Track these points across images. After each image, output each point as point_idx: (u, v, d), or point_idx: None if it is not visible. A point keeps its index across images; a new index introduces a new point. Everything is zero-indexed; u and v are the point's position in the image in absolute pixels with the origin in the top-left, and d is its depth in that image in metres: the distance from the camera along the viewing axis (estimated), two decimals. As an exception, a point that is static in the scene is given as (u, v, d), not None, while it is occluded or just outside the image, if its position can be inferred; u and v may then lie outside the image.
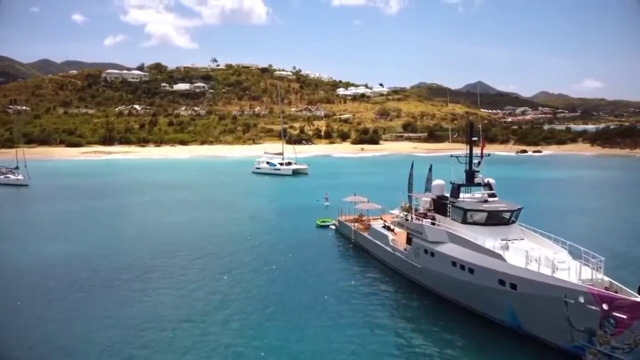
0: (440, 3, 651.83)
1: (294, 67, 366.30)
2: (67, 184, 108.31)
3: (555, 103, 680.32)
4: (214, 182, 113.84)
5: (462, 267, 34.55)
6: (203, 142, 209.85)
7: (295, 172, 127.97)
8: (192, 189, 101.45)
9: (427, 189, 48.45)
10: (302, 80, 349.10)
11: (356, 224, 55.58)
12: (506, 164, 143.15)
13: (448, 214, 39.65)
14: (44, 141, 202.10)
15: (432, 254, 38.11)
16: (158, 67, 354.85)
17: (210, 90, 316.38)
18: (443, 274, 36.67)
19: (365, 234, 52.08)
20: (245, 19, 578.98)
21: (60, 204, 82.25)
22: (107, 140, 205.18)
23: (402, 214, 46.76)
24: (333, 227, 62.41)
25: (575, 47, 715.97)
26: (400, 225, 46.25)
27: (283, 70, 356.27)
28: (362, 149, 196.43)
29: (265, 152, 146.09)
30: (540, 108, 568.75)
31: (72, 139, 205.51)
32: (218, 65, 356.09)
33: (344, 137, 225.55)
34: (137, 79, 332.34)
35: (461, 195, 39.99)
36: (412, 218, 43.82)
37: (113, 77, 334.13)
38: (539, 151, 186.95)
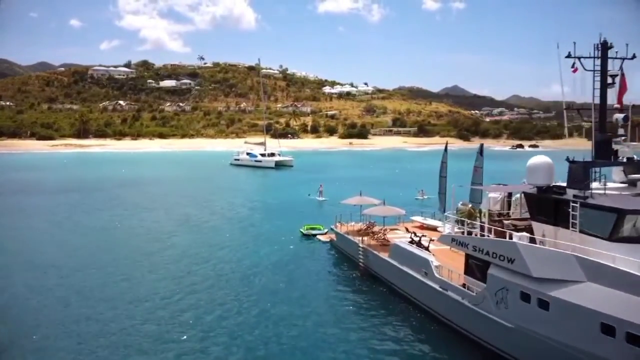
0: (419, 12, 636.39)
1: (281, 66, 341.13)
2: (14, 178, 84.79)
3: (528, 105, 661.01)
4: (184, 176, 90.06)
5: (633, 338, 14.17)
6: (183, 136, 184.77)
7: (279, 165, 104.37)
8: (154, 184, 77.91)
9: (476, 181, 29.61)
10: (288, 78, 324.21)
11: (365, 238, 32.97)
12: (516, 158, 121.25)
13: (571, 221, 18.04)
14: (15, 134, 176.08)
15: (544, 304, 17.22)
16: (145, 65, 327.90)
17: (196, 87, 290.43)
18: (579, 349, 15.94)
19: (384, 256, 29.60)
20: (236, 24, 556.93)
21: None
22: (82, 134, 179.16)
23: (456, 222, 25.21)
24: (325, 239, 40.29)
25: (542, 55, 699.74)
26: (458, 242, 23.02)
27: (270, 68, 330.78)
28: (350, 143, 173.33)
29: (245, 142, 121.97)
30: (515, 109, 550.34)
31: (44, 132, 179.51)
32: (205, 63, 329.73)
33: (331, 131, 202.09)
34: (123, 75, 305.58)
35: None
36: (482, 230, 22.39)
37: (100, 74, 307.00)
38: (535, 146, 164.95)
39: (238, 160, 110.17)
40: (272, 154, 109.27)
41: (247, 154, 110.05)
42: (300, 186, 71.38)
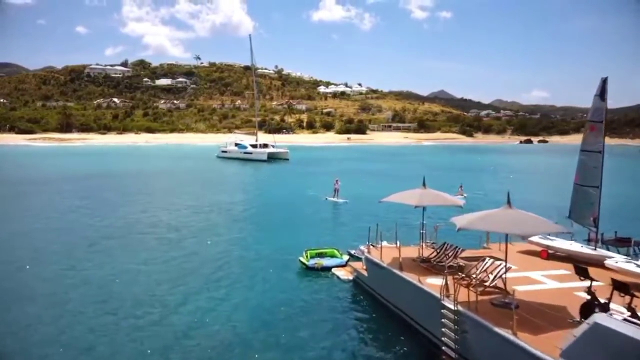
0: (408, 21, 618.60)
1: (276, 67, 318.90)
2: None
3: (511, 109, 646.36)
4: (161, 169, 69.09)
5: None
6: (173, 131, 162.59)
7: (272, 157, 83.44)
8: (121, 177, 56.89)
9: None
10: (284, 78, 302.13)
11: (453, 285, 12.85)
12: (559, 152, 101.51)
13: None
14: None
15: None
16: (142, 64, 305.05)
17: (192, 86, 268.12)
18: None
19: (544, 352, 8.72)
20: (234, 31, 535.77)
21: None
22: (65, 128, 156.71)
23: None
24: (345, 274, 20.07)
25: (523, 62, 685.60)
26: None
27: (266, 69, 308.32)
28: (348, 139, 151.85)
29: (234, 131, 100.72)
30: (502, 111, 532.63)
31: (24, 126, 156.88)
32: (202, 63, 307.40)
33: (327, 127, 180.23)
34: (120, 74, 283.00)
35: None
36: None
37: (96, 73, 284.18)
38: (545, 141, 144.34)
39: (225, 152, 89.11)
40: (265, 145, 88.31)
41: (236, 145, 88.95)
42: (299, 183, 51.29)
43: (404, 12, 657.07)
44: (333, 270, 20.58)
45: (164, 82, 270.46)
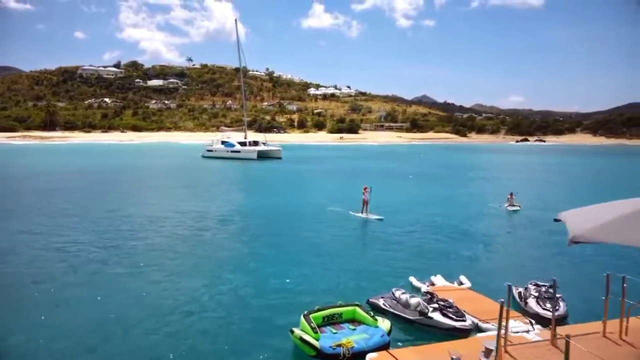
0: (393, 28, 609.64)
1: (267, 69, 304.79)
2: None
3: (491, 112, 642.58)
4: (119, 169, 56.40)
5: None
6: (160, 129, 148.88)
7: (263, 156, 70.80)
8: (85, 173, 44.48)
9: None
10: (274, 80, 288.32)
11: None
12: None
13: None
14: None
15: None
16: (134, 65, 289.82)
17: (183, 87, 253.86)
18: None
19: None
20: (228, 37, 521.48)
21: None
22: (49, 126, 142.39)
23: None
24: None
25: (501, 68, 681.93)
26: None
27: (256, 71, 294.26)
28: (341, 138, 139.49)
29: (222, 128, 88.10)
30: (483, 114, 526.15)
31: (9, 124, 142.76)
32: (193, 65, 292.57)
33: (319, 126, 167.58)
34: (112, 75, 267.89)
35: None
36: None
37: (88, 73, 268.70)
38: (542, 140, 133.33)
39: (211, 151, 76.23)
40: (255, 143, 75.72)
41: (223, 142, 76.13)
42: (298, 186, 38.85)
43: (390, 20, 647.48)
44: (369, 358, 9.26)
45: (155, 82, 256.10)
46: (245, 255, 17.89)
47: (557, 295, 12.11)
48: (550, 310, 10.80)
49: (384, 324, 10.72)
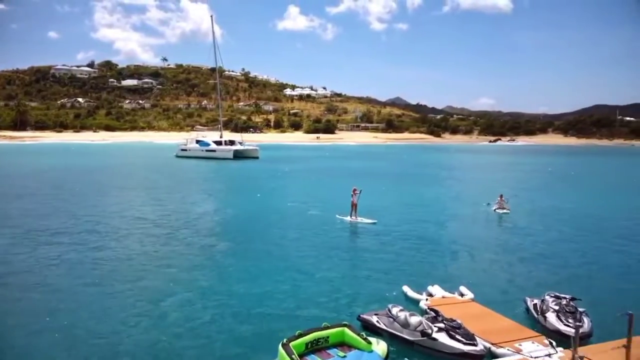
0: (368, 32, 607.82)
1: (243, 69, 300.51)
2: None
3: (462, 114, 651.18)
4: (97, 170, 53.41)
5: None
6: (133, 129, 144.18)
7: (239, 156, 68.31)
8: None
9: None
10: (250, 80, 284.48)
11: None
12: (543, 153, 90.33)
13: None
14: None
15: None
16: (108, 65, 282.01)
17: (158, 87, 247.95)
18: None
19: None
20: (203, 38, 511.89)
21: None
22: (19, 125, 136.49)
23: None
24: None
25: (471, 71, 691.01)
26: None
27: (232, 71, 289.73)
28: (317, 138, 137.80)
29: (197, 127, 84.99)
30: (455, 115, 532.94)
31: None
32: (168, 65, 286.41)
33: (295, 126, 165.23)
34: (85, 75, 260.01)
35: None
36: None
37: (62, 73, 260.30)
38: (513, 140, 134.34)
39: (185, 150, 73.23)
40: (232, 142, 73.13)
41: (197, 142, 73.20)
42: (276, 186, 36.70)
43: (364, 23, 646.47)
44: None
45: (129, 82, 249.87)
46: (212, 269, 15.34)
47: (580, 310, 10.35)
48: (573, 326, 9.09)
49: (379, 346, 8.80)
